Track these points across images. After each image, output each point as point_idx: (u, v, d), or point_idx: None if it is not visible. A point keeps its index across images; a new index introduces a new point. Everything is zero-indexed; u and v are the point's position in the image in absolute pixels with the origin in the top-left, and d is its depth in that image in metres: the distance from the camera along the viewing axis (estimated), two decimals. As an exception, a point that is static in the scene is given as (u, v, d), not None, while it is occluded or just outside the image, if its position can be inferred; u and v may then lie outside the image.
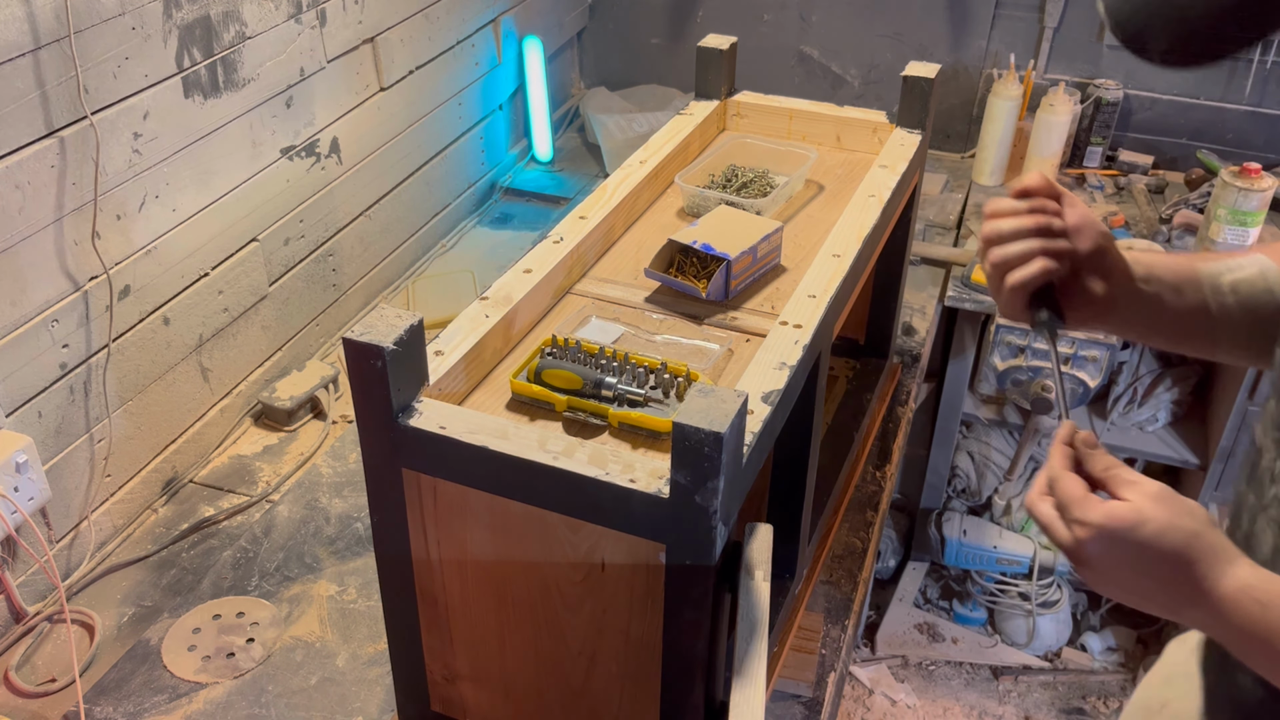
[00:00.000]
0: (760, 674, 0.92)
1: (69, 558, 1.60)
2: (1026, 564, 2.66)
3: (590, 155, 2.83)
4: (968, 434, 2.67)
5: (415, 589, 1.12)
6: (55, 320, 1.49)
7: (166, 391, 1.72)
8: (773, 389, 1.06)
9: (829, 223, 1.43)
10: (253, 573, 1.58)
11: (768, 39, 2.84)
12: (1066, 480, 0.83)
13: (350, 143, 2.05)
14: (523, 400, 1.11)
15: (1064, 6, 2.55)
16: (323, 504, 1.71)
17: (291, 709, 1.38)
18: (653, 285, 1.32)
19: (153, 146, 1.59)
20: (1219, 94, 2.54)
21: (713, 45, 1.68)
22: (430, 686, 1.20)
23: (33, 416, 1.48)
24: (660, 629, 1.00)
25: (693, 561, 0.93)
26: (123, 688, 1.40)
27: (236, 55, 1.72)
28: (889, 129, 1.63)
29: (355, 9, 1.99)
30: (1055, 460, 0.86)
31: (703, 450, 0.86)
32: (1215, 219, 2.16)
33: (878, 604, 2.88)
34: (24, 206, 1.41)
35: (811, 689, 1.45)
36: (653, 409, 1.07)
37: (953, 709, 2.66)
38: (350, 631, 1.49)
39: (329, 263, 2.07)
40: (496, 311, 1.17)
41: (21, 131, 1.39)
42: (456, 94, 2.39)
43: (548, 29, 2.72)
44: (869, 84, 2.82)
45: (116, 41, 1.49)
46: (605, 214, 1.38)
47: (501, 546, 1.04)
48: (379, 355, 0.95)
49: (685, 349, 1.22)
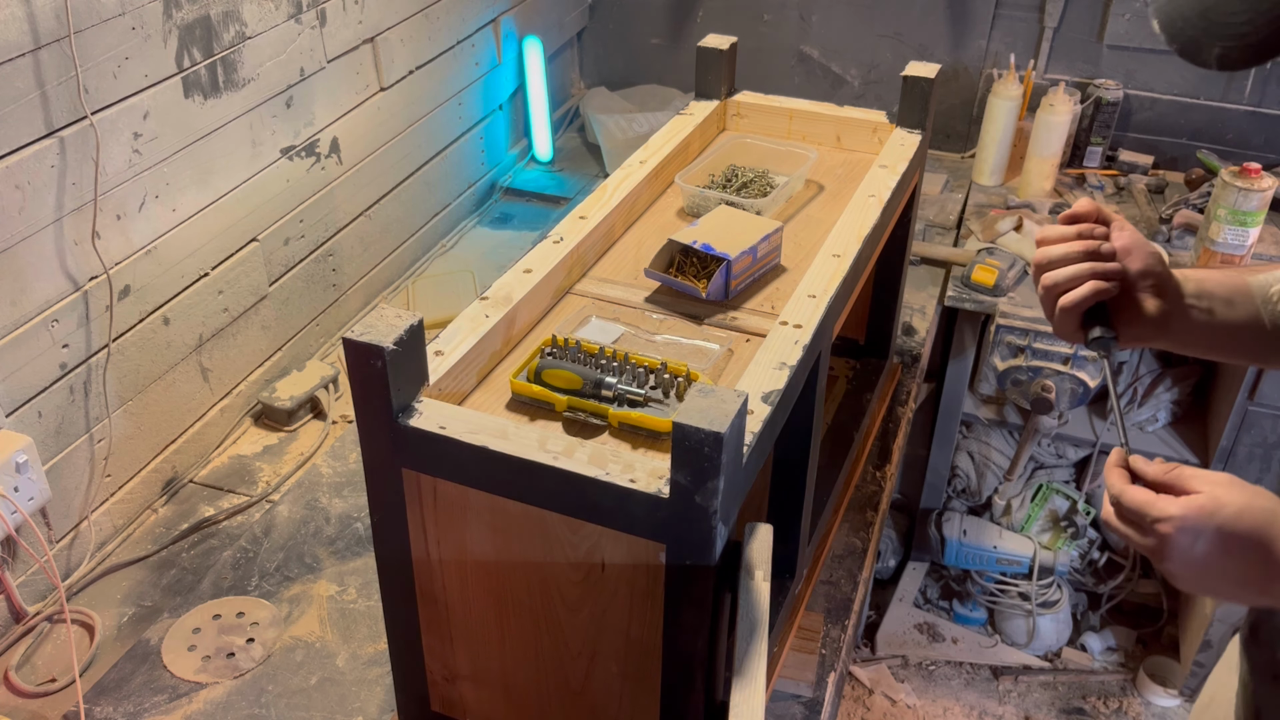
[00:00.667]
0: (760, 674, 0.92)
1: (69, 558, 1.60)
2: (1026, 564, 2.66)
3: (590, 155, 2.83)
4: (968, 434, 2.67)
5: (415, 589, 1.12)
6: (55, 320, 1.49)
7: (166, 391, 1.72)
8: (773, 389, 1.06)
9: (829, 223, 1.43)
10: (253, 573, 1.58)
11: (768, 39, 2.84)
12: (1132, 491, 0.84)
13: (350, 143, 2.05)
14: (523, 400, 1.11)
15: (1064, 6, 2.55)
16: (323, 504, 1.71)
17: (291, 709, 1.38)
18: (653, 285, 1.32)
19: (153, 146, 1.59)
20: (1219, 94, 2.54)
21: (713, 45, 1.68)
22: (430, 686, 1.20)
23: (33, 416, 1.48)
24: (660, 629, 1.00)
25: (693, 561, 0.93)
26: (123, 688, 1.40)
27: (236, 55, 1.72)
28: (889, 129, 1.63)
29: (355, 9, 1.99)
30: (1114, 480, 0.86)
31: (703, 450, 0.86)
32: (1215, 219, 2.16)
33: (878, 604, 2.88)
34: (24, 206, 1.41)
35: (811, 689, 1.45)
36: (653, 409, 1.07)
37: (953, 709, 2.66)
38: (350, 631, 1.49)
39: (329, 263, 2.07)
40: (496, 311, 1.17)
41: (21, 131, 1.39)
42: (456, 94, 2.39)
43: (548, 29, 2.72)
44: (869, 84, 2.82)
45: (116, 41, 1.49)
46: (605, 214, 1.38)
47: (501, 546, 1.04)
48: (379, 355, 0.95)
49: (685, 349, 1.22)
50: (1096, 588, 2.77)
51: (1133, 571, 2.74)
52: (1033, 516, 2.67)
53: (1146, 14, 2.51)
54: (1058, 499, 2.66)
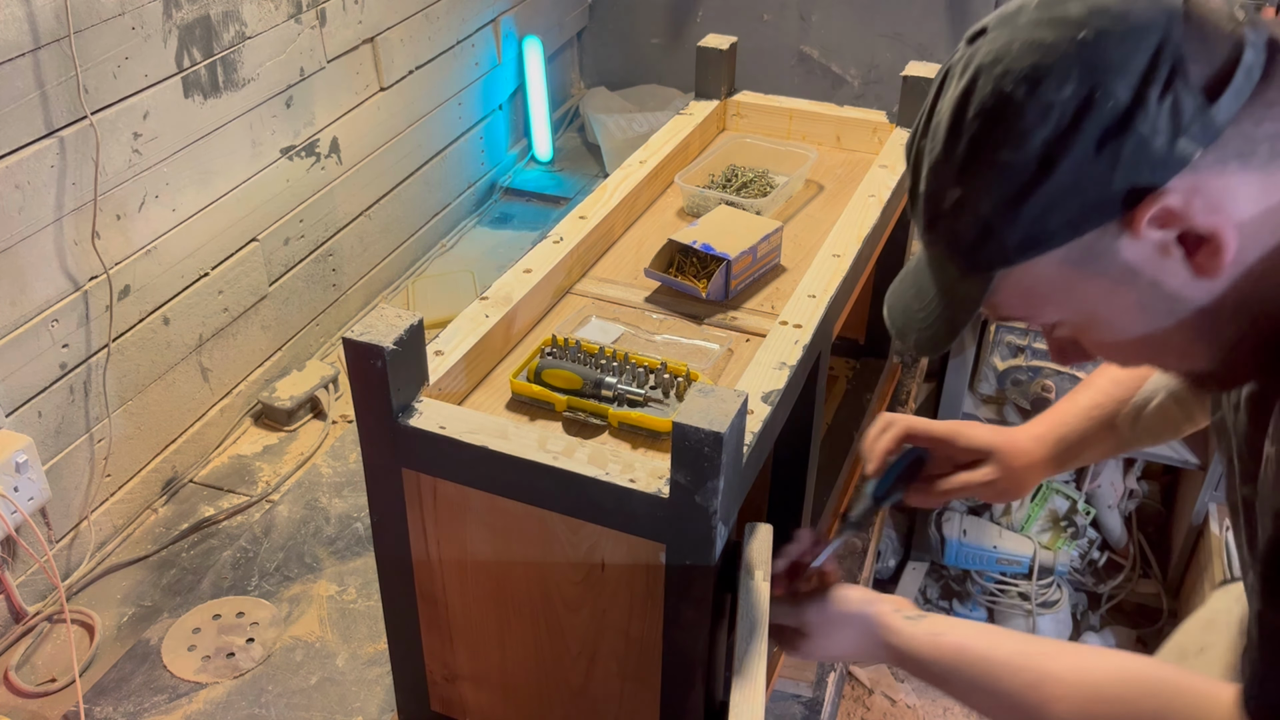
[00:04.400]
0: (760, 674, 0.92)
1: (69, 558, 1.60)
2: (1026, 564, 2.66)
3: (590, 155, 2.82)
4: (968, 434, 2.67)
5: (415, 589, 1.12)
6: (55, 320, 1.49)
7: (166, 391, 1.72)
8: (773, 389, 1.06)
9: (829, 223, 1.43)
10: (253, 573, 1.58)
11: (768, 39, 2.84)
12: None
13: (350, 143, 2.05)
14: (523, 400, 1.11)
15: (1064, 6, 2.55)
16: (323, 504, 1.71)
17: (291, 709, 1.38)
18: (653, 285, 1.32)
19: (153, 146, 1.59)
20: (1219, 94, 2.54)
21: (713, 45, 1.68)
22: (430, 686, 1.20)
23: (33, 416, 1.48)
24: (660, 629, 1.00)
25: (693, 561, 0.93)
26: (123, 688, 1.40)
27: (236, 55, 1.72)
28: (889, 129, 1.63)
29: (355, 9, 1.99)
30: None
31: (703, 450, 0.86)
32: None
33: (878, 604, 2.87)
34: (24, 206, 1.41)
35: (811, 689, 1.45)
36: (653, 409, 1.07)
37: (953, 709, 2.66)
38: (350, 631, 1.49)
39: (329, 263, 2.07)
40: (496, 311, 1.17)
41: (21, 131, 1.39)
42: (456, 94, 2.39)
43: (548, 29, 2.72)
44: (869, 84, 2.82)
45: (116, 41, 1.49)
46: (605, 214, 1.38)
47: (501, 546, 1.04)
48: (379, 355, 0.95)
49: (685, 349, 1.22)
50: (1096, 588, 2.77)
51: (1133, 571, 2.74)
52: (1032, 516, 2.67)
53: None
54: (1057, 499, 2.66)
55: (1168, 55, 0.66)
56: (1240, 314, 0.71)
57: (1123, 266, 0.71)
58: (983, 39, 0.73)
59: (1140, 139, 0.66)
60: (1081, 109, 0.67)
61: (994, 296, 0.76)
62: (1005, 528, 2.70)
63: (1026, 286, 0.74)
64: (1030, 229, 0.70)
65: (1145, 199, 0.67)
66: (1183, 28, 0.67)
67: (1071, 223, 0.69)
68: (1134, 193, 0.67)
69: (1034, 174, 0.69)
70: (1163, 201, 0.67)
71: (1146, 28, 0.67)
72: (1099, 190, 0.68)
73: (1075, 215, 0.69)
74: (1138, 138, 0.66)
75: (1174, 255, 0.69)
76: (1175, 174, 0.67)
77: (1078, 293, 0.73)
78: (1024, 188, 0.69)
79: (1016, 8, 0.73)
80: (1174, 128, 0.66)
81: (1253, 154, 0.67)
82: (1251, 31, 0.68)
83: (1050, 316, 0.78)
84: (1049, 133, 0.68)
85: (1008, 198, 0.70)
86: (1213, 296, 0.71)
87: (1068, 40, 0.68)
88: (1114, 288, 0.72)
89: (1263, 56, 0.68)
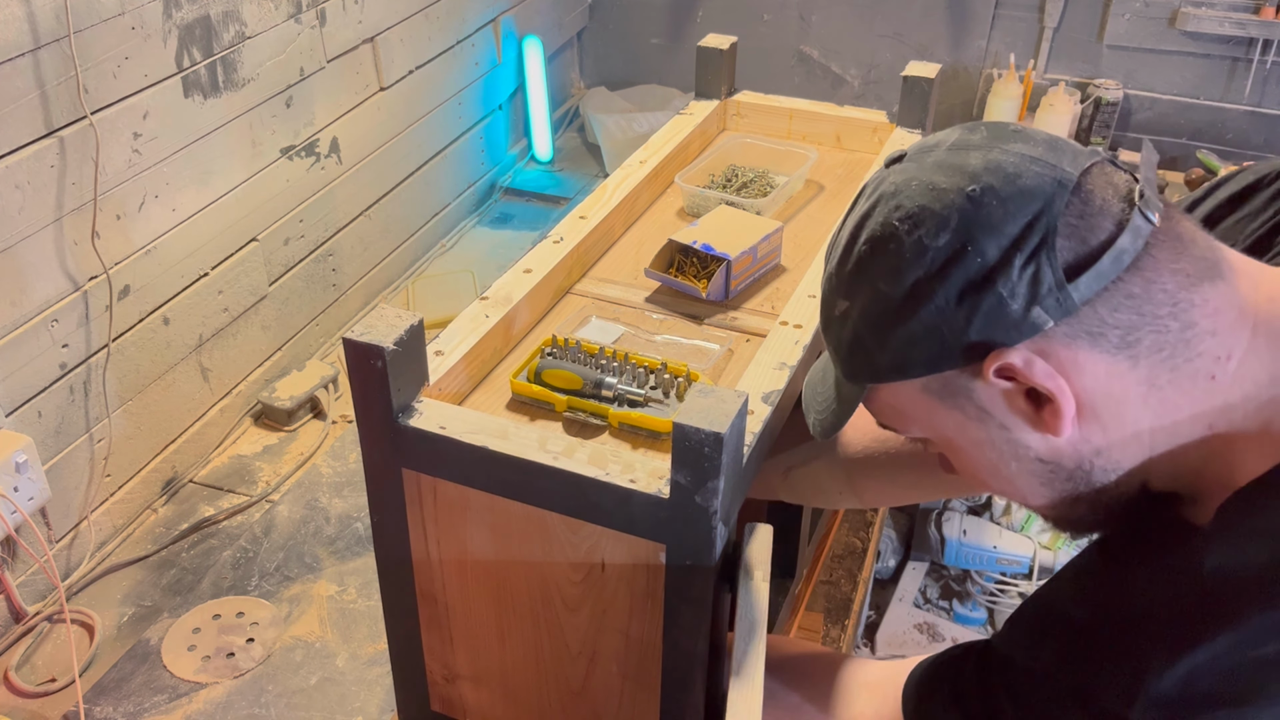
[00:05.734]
0: (760, 674, 0.92)
1: (69, 558, 1.60)
2: (1026, 564, 2.66)
3: (590, 155, 2.82)
4: (968, 434, 2.67)
5: (415, 589, 1.12)
6: (55, 320, 1.49)
7: (166, 391, 1.72)
8: (773, 389, 1.06)
9: (829, 223, 1.43)
10: (253, 573, 1.58)
11: (768, 39, 2.84)
12: None
13: (350, 143, 2.05)
14: (523, 400, 1.11)
15: (1064, 6, 2.55)
16: (323, 504, 1.71)
17: (291, 709, 1.38)
18: (653, 285, 1.32)
19: (152, 146, 1.59)
20: (1219, 94, 2.54)
21: (713, 45, 1.68)
22: (430, 686, 1.20)
23: (33, 416, 1.48)
24: (660, 629, 1.00)
25: (693, 562, 0.93)
26: (123, 688, 1.40)
27: (236, 55, 1.72)
28: (889, 129, 1.63)
29: (355, 9, 1.99)
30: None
31: (703, 450, 0.86)
32: (1215, 219, 2.16)
33: (878, 604, 2.88)
34: (24, 206, 1.41)
35: (811, 689, 1.45)
36: (653, 409, 1.07)
37: (952, 709, 2.66)
38: (350, 631, 1.49)
39: (329, 263, 2.07)
40: (496, 311, 1.17)
41: (21, 131, 1.39)
42: (456, 94, 2.39)
43: (548, 29, 2.72)
44: (869, 84, 2.82)
45: (116, 41, 1.49)
46: (605, 214, 1.38)
47: (501, 546, 1.04)
48: (379, 355, 0.95)
49: (685, 349, 1.22)
50: (1096, 588, 2.77)
51: (1132, 571, 2.74)
52: (1032, 516, 2.67)
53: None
54: (1058, 499, 2.66)
55: (1041, 226, 0.68)
56: (1075, 476, 0.75)
57: (977, 406, 0.74)
58: (896, 166, 0.77)
59: (999, 299, 0.69)
60: (951, 259, 0.70)
61: (870, 404, 0.81)
62: (1005, 528, 2.70)
63: (895, 404, 0.79)
64: (895, 356, 0.74)
65: (991, 353, 0.70)
66: (1067, 201, 0.69)
67: (930, 359, 0.73)
68: (984, 345, 0.70)
69: (900, 308, 0.72)
70: (1006, 357, 0.70)
71: (1031, 194, 0.69)
72: (955, 337, 0.71)
73: (934, 354, 0.72)
74: (997, 297, 0.69)
75: (1021, 407, 0.72)
76: (1027, 338, 0.69)
77: (938, 419, 0.77)
78: (894, 318, 0.73)
79: (934, 143, 0.76)
80: (1031, 295, 0.68)
81: (1103, 336, 0.69)
82: (1140, 218, 0.69)
83: (916, 434, 0.82)
84: (920, 274, 0.71)
85: (879, 324, 0.74)
86: (1053, 451, 0.74)
87: (957, 190, 0.71)
88: (968, 423, 0.76)
89: (1140, 244, 0.69)
